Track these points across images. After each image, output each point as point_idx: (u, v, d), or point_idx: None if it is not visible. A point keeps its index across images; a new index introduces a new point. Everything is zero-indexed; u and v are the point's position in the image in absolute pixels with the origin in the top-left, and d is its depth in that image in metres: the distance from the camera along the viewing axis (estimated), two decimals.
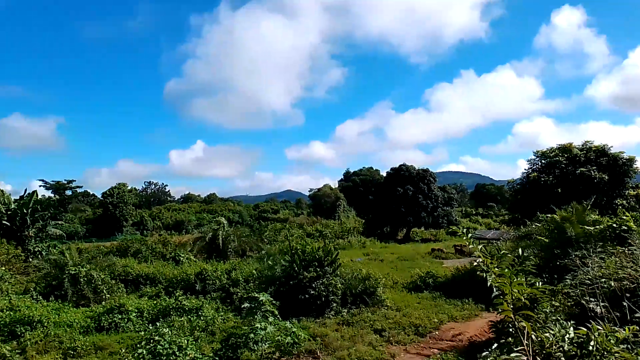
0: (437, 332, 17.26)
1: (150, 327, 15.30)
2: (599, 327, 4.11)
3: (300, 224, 73.38)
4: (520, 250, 5.27)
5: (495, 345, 4.67)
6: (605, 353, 3.91)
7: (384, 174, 78.61)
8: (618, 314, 12.25)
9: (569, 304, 15.22)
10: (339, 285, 19.79)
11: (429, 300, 22.03)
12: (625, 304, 12.60)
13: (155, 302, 20.49)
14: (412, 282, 25.79)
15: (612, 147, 33.70)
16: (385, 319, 18.11)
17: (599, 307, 12.29)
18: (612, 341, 3.96)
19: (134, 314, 18.64)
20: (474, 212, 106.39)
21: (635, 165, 32.29)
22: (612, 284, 13.33)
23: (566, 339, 4.17)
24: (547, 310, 15.17)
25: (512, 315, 4.39)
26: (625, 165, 32.06)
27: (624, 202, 30.41)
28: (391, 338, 16.18)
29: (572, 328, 4.29)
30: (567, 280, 14.32)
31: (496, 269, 4.42)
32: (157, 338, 11.83)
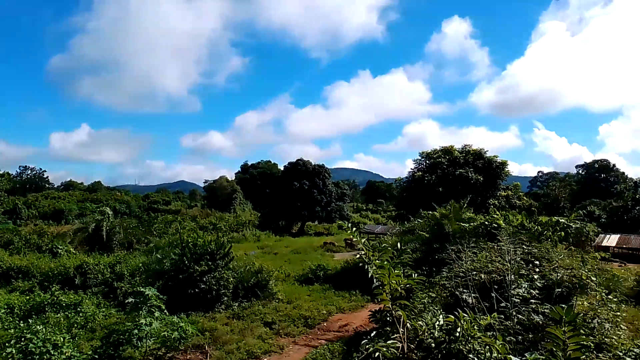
0: (325, 324, 17.77)
1: (22, 325, 14.07)
2: (465, 315, 4.53)
3: (194, 217, 71.37)
4: (399, 244, 5.63)
5: (374, 333, 4.92)
6: (470, 338, 4.32)
7: (282, 168, 79.20)
8: (487, 304, 13.54)
9: (444, 294, 16.50)
10: (231, 279, 19.61)
11: (319, 292, 22.61)
12: (493, 294, 13.96)
13: (28, 297, 18.89)
14: (304, 275, 26.30)
15: (487, 151, 37.25)
16: (276, 312, 18.29)
17: (470, 298, 13.48)
18: (475, 327, 4.39)
19: (3, 311, 17.01)
20: (364, 208, 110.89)
21: (506, 169, 36.04)
22: (483, 277, 14.68)
23: (436, 326, 4.54)
24: (425, 301, 16.34)
25: (389, 305, 4.66)
26: (498, 169, 35.61)
27: (496, 201, 33.72)
28: (281, 330, 16.38)
29: (441, 316, 4.69)
30: (444, 272, 15.54)
31: (377, 261, 4.68)
32: (29, 336, 10.90)
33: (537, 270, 15.43)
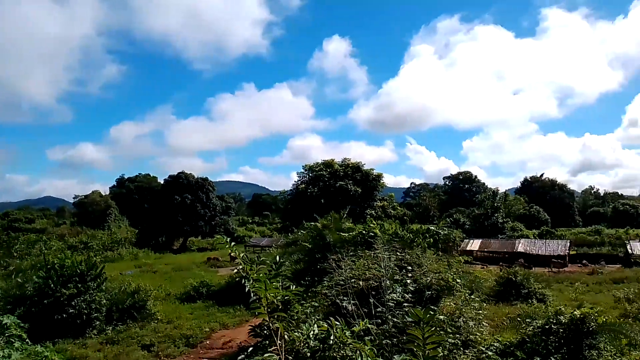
0: (208, 341, 17.37)
1: None
2: (338, 323, 4.74)
3: (62, 235, 65.38)
4: (277, 257, 5.74)
5: (251, 348, 4.94)
6: (342, 345, 4.53)
7: (162, 182, 75.85)
8: (366, 310, 14.17)
9: (326, 303, 16.96)
10: (104, 301, 18.37)
11: (202, 309, 22.04)
12: (371, 300, 14.65)
13: None
14: (186, 293, 25.51)
15: (365, 164, 39.35)
16: (155, 333, 17.49)
17: (350, 305, 14.05)
18: (347, 334, 4.61)
19: None
20: (250, 221, 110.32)
21: (382, 181, 38.33)
22: (361, 284, 15.39)
23: (311, 336, 4.69)
24: (308, 311, 16.61)
25: (267, 318, 4.72)
26: (374, 181, 37.74)
27: (373, 211, 35.64)
28: (160, 352, 15.71)
29: (316, 325, 4.86)
30: (325, 281, 16.01)
31: (255, 274, 4.72)
32: None
33: (410, 275, 16.56)
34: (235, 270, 5.08)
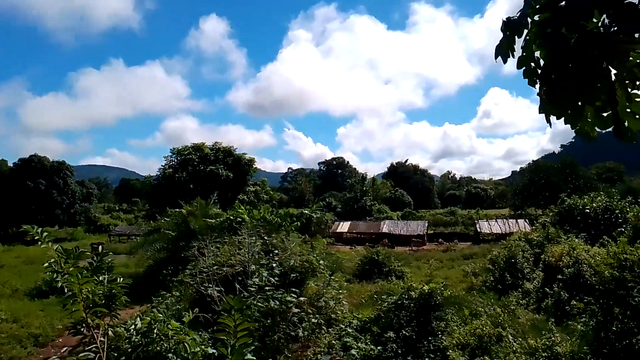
0: (61, 339, 15.97)
1: None
2: (161, 315, 4.45)
3: None
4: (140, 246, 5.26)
5: (67, 349, 4.45)
6: (164, 337, 4.26)
7: (12, 166, 67.59)
8: (233, 295, 13.81)
9: (190, 291, 16.44)
10: None
11: (55, 305, 20.14)
12: (237, 286, 14.38)
13: None
14: (37, 288, 23.13)
15: (237, 148, 38.69)
16: None
17: (214, 292, 13.70)
18: (169, 326, 4.34)
19: None
20: (117, 208, 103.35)
21: (255, 165, 38.08)
22: (226, 270, 15.10)
23: (133, 331, 4.36)
24: (169, 301, 15.97)
25: (84, 315, 4.28)
26: (246, 165, 37.31)
27: (245, 197, 35.34)
28: (3, 355, 14.13)
29: (138, 319, 4.53)
30: (187, 270, 15.47)
31: (71, 268, 4.24)
32: None
33: (277, 259, 16.68)
34: (47, 264, 4.53)
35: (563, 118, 2.52)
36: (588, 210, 26.67)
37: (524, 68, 2.49)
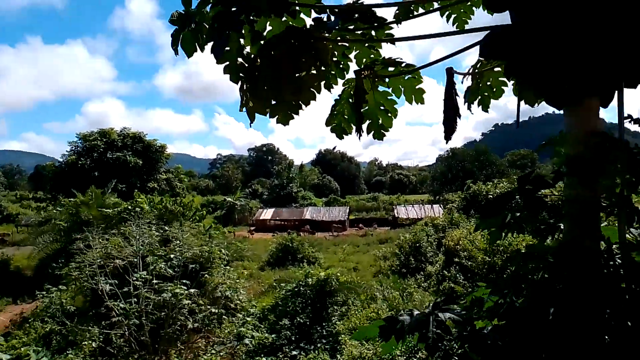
0: None
1: None
2: None
3: None
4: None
5: None
6: None
7: None
8: (127, 289, 13.31)
9: (78, 285, 15.69)
10: None
11: None
12: (130, 279, 13.81)
13: None
14: None
15: (147, 134, 37.12)
16: None
17: (107, 285, 13.10)
18: None
19: None
20: (30, 196, 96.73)
21: (167, 152, 36.78)
22: (118, 262, 14.48)
23: None
24: (54, 296, 15.12)
25: None
26: (158, 152, 35.96)
27: (156, 185, 34.08)
28: None
29: None
30: (73, 263, 14.70)
31: None
32: None
33: (177, 249, 16.25)
34: None
35: (268, 113, 2.46)
36: (491, 196, 28.12)
37: (227, 63, 2.40)
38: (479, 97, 3.39)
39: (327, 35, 2.49)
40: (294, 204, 64.81)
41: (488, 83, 3.33)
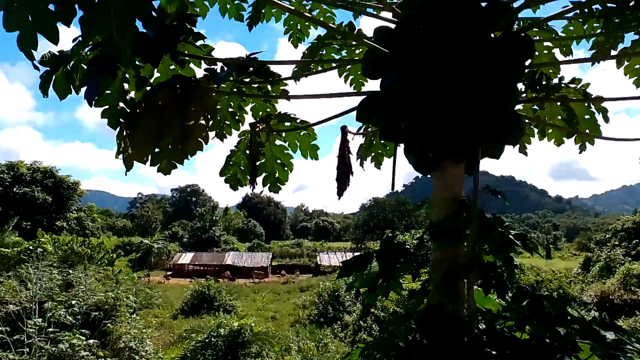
0: None
1: None
2: None
3: None
4: None
5: None
6: None
7: None
8: (21, 337, 12.08)
9: None
10: None
11: None
12: (24, 327, 12.58)
13: None
14: None
15: (60, 169, 34.96)
16: None
17: None
18: None
19: None
20: None
21: (80, 189, 34.72)
22: (11, 308, 13.18)
23: None
24: None
25: None
26: (70, 189, 33.89)
27: (65, 224, 31.93)
28: None
29: None
30: None
31: None
32: None
33: (80, 295, 15.09)
34: None
35: (148, 161, 2.37)
36: (408, 246, 28.85)
37: (107, 107, 2.30)
38: (372, 154, 3.50)
39: (216, 86, 2.47)
40: (216, 248, 63.12)
41: (381, 141, 3.45)
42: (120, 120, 2.34)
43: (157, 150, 2.37)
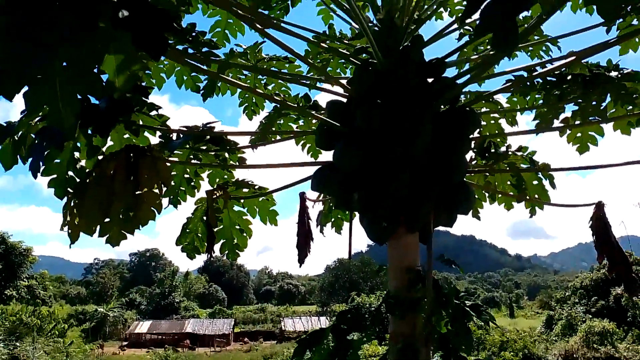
0: None
1: None
2: None
3: None
4: None
5: None
6: None
7: None
8: None
9: None
10: None
11: None
12: None
13: None
14: None
15: (11, 235, 33.34)
16: None
17: None
18: None
19: None
20: None
21: (32, 256, 33.03)
22: None
23: None
24: None
25: None
26: (21, 255, 32.24)
27: (15, 292, 30.05)
28: None
29: None
30: None
31: None
32: None
33: None
34: None
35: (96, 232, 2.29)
36: (367, 316, 28.49)
37: (54, 176, 2.23)
38: (333, 219, 3.50)
39: (170, 154, 2.46)
40: (176, 315, 60.51)
41: None
42: (68, 189, 2.27)
43: (106, 220, 2.30)
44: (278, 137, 3.35)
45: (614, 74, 2.58)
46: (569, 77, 2.60)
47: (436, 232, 2.23)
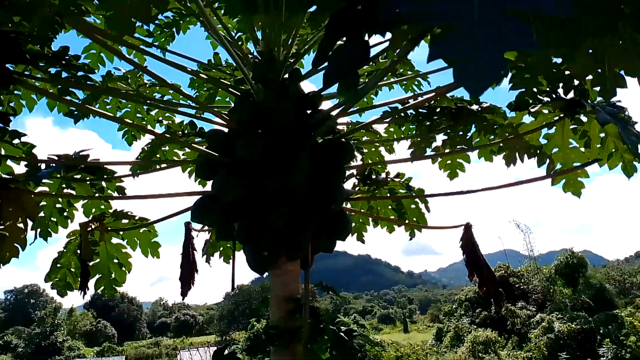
0: None
1: None
2: None
3: None
4: None
5: None
6: None
7: None
8: None
9: None
10: None
11: None
12: None
13: None
14: None
15: None
16: None
17: None
18: None
19: None
20: None
21: None
22: None
23: None
24: None
25: None
26: None
27: None
28: None
29: None
30: None
31: None
32: None
33: None
34: None
35: None
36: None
37: None
38: (221, 248, 3.44)
39: (37, 185, 2.27)
40: (58, 356, 55.18)
41: None
42: None
43: None
44: (164, 165, 3.24)
45: (475, 107, 2.85)
46: (438, 110, 2.83)
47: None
